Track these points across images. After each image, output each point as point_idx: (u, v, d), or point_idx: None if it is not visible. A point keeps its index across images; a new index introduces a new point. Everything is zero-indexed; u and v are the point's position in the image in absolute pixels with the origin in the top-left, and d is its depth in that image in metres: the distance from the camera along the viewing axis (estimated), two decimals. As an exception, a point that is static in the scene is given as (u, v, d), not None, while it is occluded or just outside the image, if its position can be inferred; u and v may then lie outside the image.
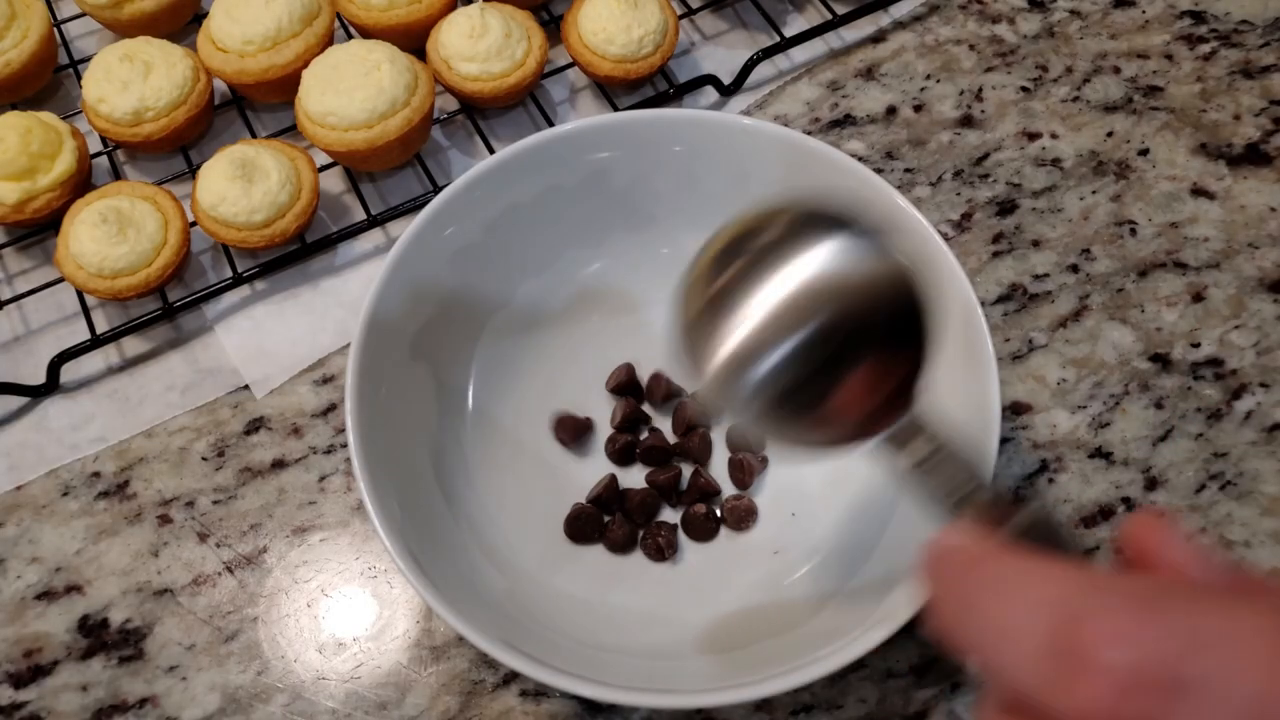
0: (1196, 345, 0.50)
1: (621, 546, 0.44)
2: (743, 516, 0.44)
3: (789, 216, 0.32)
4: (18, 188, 0.49)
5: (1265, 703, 0.20)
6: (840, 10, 0.59)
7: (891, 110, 0.58)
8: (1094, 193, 0.54)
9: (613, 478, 0.45)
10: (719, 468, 0.46)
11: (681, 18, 0.60)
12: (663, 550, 0.43)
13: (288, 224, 0.50)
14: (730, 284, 0.32)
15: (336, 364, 0.50)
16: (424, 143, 0.54)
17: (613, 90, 0.58)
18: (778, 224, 0.32)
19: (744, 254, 0.32)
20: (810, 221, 0.32)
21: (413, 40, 0.55)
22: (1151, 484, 0.46)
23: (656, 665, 0.40)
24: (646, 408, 0.47)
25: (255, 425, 0.49)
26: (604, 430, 0.47)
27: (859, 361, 0.31)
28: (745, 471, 0.45)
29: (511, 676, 0.43)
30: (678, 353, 0.32)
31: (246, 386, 0.50)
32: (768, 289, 0.31)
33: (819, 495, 0.44)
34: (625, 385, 0.47)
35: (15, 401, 0.49)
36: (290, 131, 0.55)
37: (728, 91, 0.57)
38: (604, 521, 0.44)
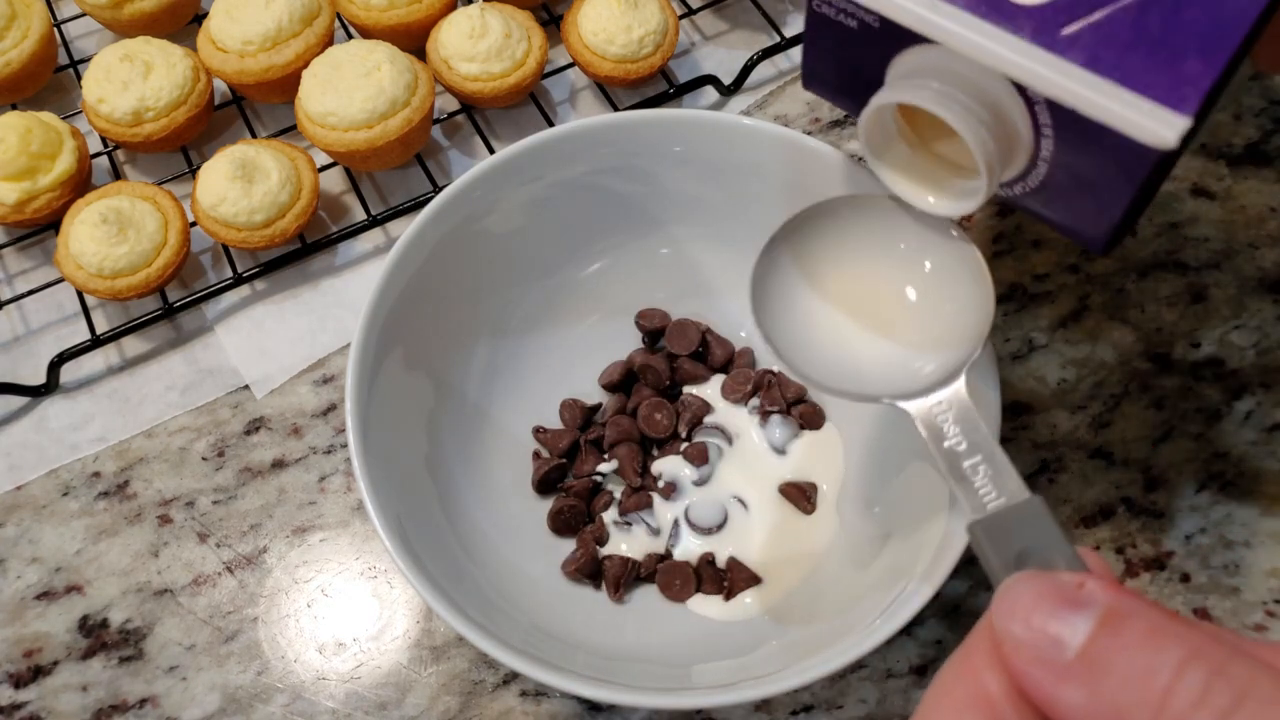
0: (1196, 345, 0.50)
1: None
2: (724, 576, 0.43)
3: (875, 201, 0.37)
4: (18, 188, 0.49)
5: None
6: (840, 10, 0.59)
7: (891, 110, 0.57)
8: (1094, 193, 0.54)
9: (592, 480, 0.45)
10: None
11: (681, 18, 0.60)
12: (619, 585, 0.42)
13: (288, 224, 0.50)
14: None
15: (336, 364, 0.50)
16: (424, 143, 0.54)
17: (613, 90, 0.58)
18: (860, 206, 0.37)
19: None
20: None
21: (413, 40, 0.55)
22: (1151, 484, 0.46)
23: (656, 666, 0.40)
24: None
25: (255, 425, 0.49)
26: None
27: (922, 300, 0.36)
28: None
29: (511, 676, 0.43)
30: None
31: (246, 386, 0.50)
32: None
33: (821, 494, 0.44)
34: (619, 382, 0.47)
35: (15, 401, 0.50)
36: (290, 131, 0.55)
37: (728, 91, 0.57)
38: (585, 518, 0.44)
